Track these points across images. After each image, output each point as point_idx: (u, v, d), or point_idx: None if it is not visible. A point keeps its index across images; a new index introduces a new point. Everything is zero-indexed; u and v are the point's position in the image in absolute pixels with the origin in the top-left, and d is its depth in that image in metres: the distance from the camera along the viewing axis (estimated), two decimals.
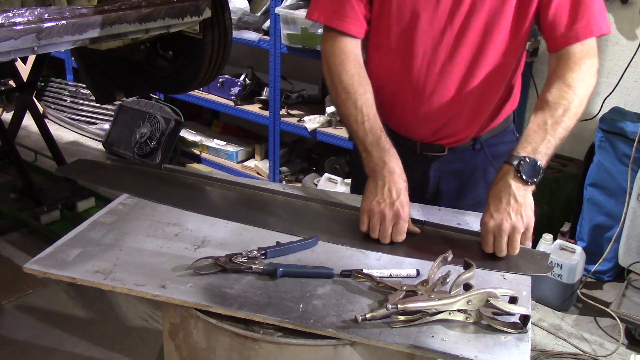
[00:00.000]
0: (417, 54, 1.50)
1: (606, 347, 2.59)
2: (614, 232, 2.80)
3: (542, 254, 1.38)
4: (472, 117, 1.57)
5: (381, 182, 1.38)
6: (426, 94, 1.53)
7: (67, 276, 1.23)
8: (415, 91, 1.53)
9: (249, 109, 3.79)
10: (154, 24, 2.29)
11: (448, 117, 1.55)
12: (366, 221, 1.39)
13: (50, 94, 5.01)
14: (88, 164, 1.90)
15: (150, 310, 2.70)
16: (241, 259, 1.24)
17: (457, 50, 1.48)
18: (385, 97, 1.55)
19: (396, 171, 1.39)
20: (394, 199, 1.36)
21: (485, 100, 1.56)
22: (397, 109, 1.58)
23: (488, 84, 1.52)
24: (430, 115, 1.55)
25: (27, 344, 2.50)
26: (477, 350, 1.05)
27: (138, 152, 4.00)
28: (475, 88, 1.52)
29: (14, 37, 1.87)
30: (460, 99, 1.53)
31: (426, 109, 1.54)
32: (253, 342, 1.10)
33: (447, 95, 1.52)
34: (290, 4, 3.31)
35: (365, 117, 1.45)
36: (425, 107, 1.54)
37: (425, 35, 1.48)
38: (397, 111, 1.58)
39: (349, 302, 1.16)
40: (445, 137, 1.59)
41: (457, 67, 1.49)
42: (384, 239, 1.37)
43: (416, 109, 1.55)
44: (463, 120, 1.57)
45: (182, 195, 1.58)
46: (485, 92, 1.53)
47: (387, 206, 1.35)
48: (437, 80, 1.51)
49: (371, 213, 1.37)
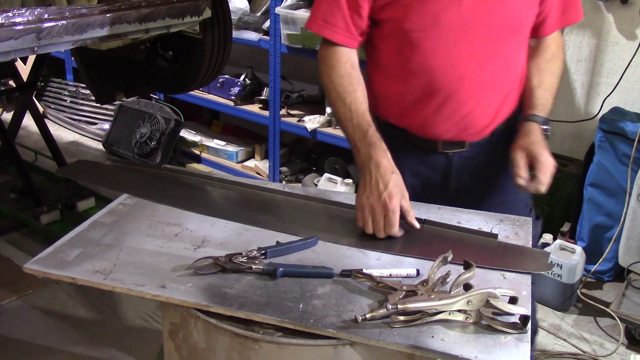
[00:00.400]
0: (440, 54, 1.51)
1: (606, 347, 2.59)
2: (614, 232, 2.80)
3: (541, 252, 1.38)
4: (494, 110, 1.61)
5: (369, 177, 1.40)
6: (450, 94, 1.54)
7: (67, 276, 1.23)
8: (440, 92, 1.54)
9: (249, 109, 3.79)
10: (154, 24, 2.29)
11: (473, 113, 1.58)
12: (360, 217, 1.40)
13: (50, 94, 5.01)
14: (88, 165, 1.90)
15: (150, 310, 2.70)
16: (241, 259, 1.24)
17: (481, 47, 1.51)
18: (407, 101, 1.58)
19: (383, 163, 1.40)
20: (381, 191, 1.37)
21: (506, 92, 1.61)
22: (421, 111, 1.59)
23: (510, 75, 1.60)
24: (455, 114, 1.57)
25: (27, 344, 2.50)
26: (477, 351, 1.05)
27: (138, 152, 4.00)
28: (498, 81, 1.57)
29: (14, 37, 1.87)
30: (484, 94, 1.57)
31: (450, 108, 1.56)
32: (253, 342, 1.10)
33: (472, 92, 1.55)
34: (290, 4, 3.31)
35: (353, 113, 1.47)
36: (450, 107, 1.56)
37: (448, 35, 1.49)
38: (420, 114, 1.59)
39: (349, 302, 1.16)
40: (470, 133, 1.62)
41: (481, 63, 1.53)
42: (378, 232, 1.38)
43: (441, 109, 1.57)
44: (487, 113, 1.60)
45: (182, 195, 1.59)
46: (507, 84, 1.60)
47: (375, 199, 1.37)
48: (461, 79, 1.53)
49: (362, 208, 1.39)
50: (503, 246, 1.40)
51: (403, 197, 1.39)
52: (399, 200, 1.37)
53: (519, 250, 1.38)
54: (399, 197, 1.37)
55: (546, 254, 1.38)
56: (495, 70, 1.56)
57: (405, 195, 1.39)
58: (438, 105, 1.56)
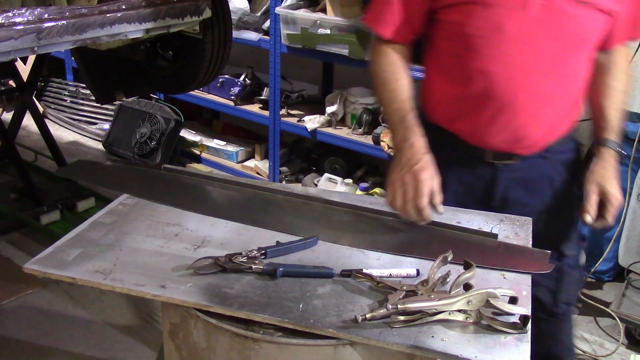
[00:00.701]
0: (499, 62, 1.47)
1: (606, 347, 2.59)
2: (614, 232, 2.79)
3: (542, 252, 1.38)
4: (550, 126, 1.56)
5: (402, 155, 1.43)
6: (506, 104, 1.50)
7: (67, 276, 1.23)
8: (495, 100, 1.50)
9: (249, 109, 3.79)
10: (154, 24, 2.29)
11: (527, 127, 1.53)
12: (390, 192, 1.41)
13: (50, 94, 5.01)
14: (88, 165, 1.90)
15: (150, 310, 2.70)
16: (241, 259, 1.24)
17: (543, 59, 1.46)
18: (461, 106, 1.56)
19: (417, 144, 1.43)
20: (413, 164, 1.39)
21: (565, 108, 1.57)
22: (474, 118, 1.55)
23: (570, 92, 1.55)
24: (508, 125, 1.52)
25: (27, 344, 2.50)
26: (477, 351, 1.05)
27: (138, 152, 4.00)
28: (557, 97, 1.52)
29: (14, 37, 1.87)
30: (541, 108, 1.51)
31: (504, 119, 1.51)
32: (253, 342, 1.10)
33: (529, 105, 1.50)
34: (290, 4, 3.31)
35: (394, 99, 1.51)
36: (504, 117, 1.51)
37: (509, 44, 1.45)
38: (472, 121, 1.55)
39: (349, 302, 1.16)
40: (521, 146, 1.56)
41: (541, 76, 1.48)
42: (407, 204, 1.38)
43: (494, 118, 1.52)
44: (541, 129, 1.55)
45: (182, 195, 1.58)
46: (566, 100, 1.56)
47: (406, 172, 1.40)
48: (518, 90, 1.48)
49: (392, 183, 1.41)
50: (503, 246, 1.40)
51: (433, 178, 1.40)
52: (430, 175, 1.39)
53: (519, 250, 1.38)
54: (430, 173, 1.39)
55: (546, 253, 1.37)
56: (556, 85, 1.50)
57: (435, 177, 1.40)
58: (492, 114, 1.51)
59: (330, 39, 3.10)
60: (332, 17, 3.07)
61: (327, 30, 3.11)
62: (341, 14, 3.05)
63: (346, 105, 3.47)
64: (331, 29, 3.10)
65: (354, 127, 3.37)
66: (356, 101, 3.42)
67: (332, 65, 3.88)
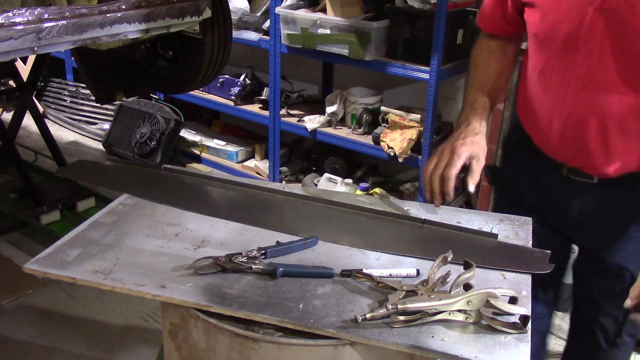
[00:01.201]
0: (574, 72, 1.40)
1: None
2: None
3: (542, 252, 1.38)
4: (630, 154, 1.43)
5: (456, 131, 1.49)
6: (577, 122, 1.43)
7: (67, 276, 1.23)
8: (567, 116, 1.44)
9: (249, 109, 3.79)
10: (154, 24, 2.28)
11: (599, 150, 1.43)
12: (429, 159, 1.46)
13: (50, 94, 5.01)
14: (88, 165, 1.90)
15: (150, 310, 2.70)
16: (241, 259, 1.24)
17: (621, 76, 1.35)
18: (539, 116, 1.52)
19: (473, 124, 1.48)
20: (456, 139, 1.44)
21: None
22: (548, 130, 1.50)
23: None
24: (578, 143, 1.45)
25: (27, 344, 2.50)
26: (477, 351, 1.05)
27: (138, 152, 3.99)
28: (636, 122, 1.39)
29: (14, 37, 1.86)
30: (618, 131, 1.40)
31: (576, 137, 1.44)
32: (253, 342, 1.10)
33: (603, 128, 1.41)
34: (290, 4, 3.31)
35: (475, 82, 1.59)
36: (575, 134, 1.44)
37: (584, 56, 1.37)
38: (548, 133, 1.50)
39: (349, 302, 1.16)
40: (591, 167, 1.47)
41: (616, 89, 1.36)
42: (437, 170, 1.42)
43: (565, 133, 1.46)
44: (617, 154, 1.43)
45: (182, 195, 1.59)
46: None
47: (447, 145, 1.44)
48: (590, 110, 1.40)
49: (435, 152, 1.46)
50: (503, 246, 1.40)
51: (477, 158, 1.42)
52: (469, 151, 1.42)
53: (519, 250, 1.38)
54: (470, 150, 1.42)
55: (546, 253, 1.38)
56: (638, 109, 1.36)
57: (480, 158, 1.43)
58: (563, 129, 1.46)
59: (330, 39, 3.10)
60: (332, 17, 3.07)
61: (327, 30, 3.11)
62: (341, 14, 3.05)
63: (346, 105, 3.47)
64: (331, 29, 3.10)
65: (354, 127, 3.37)
66: (356, 101, 3.42)
67: (332, 65, 3.88)
